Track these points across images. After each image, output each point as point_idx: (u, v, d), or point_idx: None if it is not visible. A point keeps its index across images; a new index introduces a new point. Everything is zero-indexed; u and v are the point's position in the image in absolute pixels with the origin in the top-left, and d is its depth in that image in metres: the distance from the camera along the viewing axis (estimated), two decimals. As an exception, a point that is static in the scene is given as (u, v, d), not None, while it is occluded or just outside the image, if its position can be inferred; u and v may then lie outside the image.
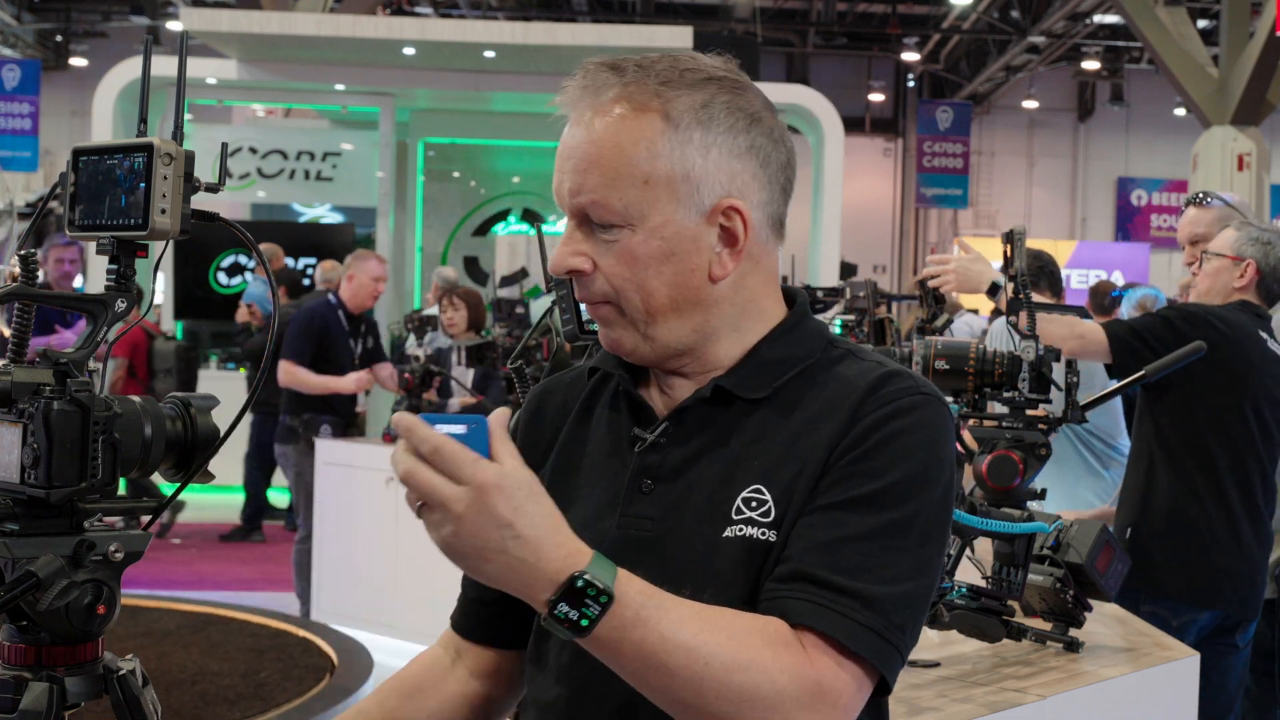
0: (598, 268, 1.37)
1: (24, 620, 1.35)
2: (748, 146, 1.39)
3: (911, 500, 1.32)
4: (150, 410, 1.40)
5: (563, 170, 1.38)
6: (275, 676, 4.13)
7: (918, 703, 2.27)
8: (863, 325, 3.46)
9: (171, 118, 1.38)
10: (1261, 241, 3.69)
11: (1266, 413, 3.58)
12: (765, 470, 1.36)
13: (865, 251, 21.91)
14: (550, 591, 1.18)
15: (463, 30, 11.85)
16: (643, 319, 1.38)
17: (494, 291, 8.32)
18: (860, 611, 1.26)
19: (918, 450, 1.34)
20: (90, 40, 21.72)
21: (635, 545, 1.36)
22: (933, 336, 3.02)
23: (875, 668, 1.28)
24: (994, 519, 2.57)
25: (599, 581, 1.18)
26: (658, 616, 1.21)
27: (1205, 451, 3.56)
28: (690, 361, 1.42)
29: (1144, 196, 22.77)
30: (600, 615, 1.18)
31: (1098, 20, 19.16)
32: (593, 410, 1.51)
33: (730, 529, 1.35)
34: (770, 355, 1.42)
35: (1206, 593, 3.51)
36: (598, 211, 1.36)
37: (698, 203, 1.37)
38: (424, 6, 18.72)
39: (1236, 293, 3.70)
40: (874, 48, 22.60)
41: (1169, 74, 13.36)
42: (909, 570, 1.31)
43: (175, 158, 1.33)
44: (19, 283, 1.38)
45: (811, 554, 1.30)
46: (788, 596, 1.28)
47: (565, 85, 1.40)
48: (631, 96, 1.36)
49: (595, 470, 1.46)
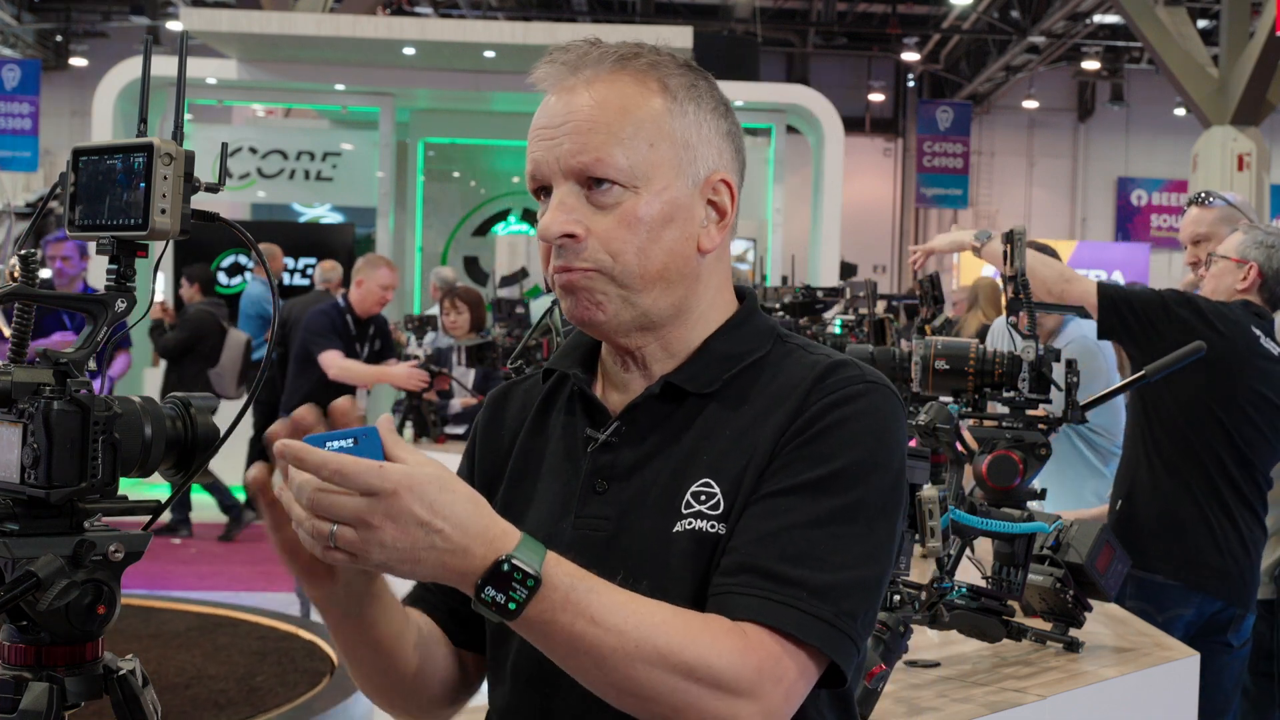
0: (590, 233, 1.36)
1: (24, 620, 1.35)
2: (728, 130, 1.43)
3: (858, 486, 1.31)
4: (150, 410, 1.40)
5: (553, 137, 1.36)
6: (271, 680, 4.13)
7: (918, 703, 2.27)
8: (863, 325, 3.45)
9: (171, 118, 1.38)
10: (1266, 245, 3.70)
11: (1256, 409, 3.58)
12: (713, 463, 1.36)
13: (865, 251, 21.92)
14: (476, 576, 1.18)
15: (463, 30, 11.86)
16: (636, 284, 1.37)
17: (494, 291, 8.33)
18: (807, 601, 1.26)
19: (864, 436, 1.33)
20: (90, 40, 21.74)
21: (591, 545, 1.36)
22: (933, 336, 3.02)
23: (824, 654, 1.27)
24: (994, 519, 2.57)
25: (526, 565, 1.17)
26: (588, 600, 1.20)
27: (1193, 445, 3.56)
28: (651, 342, 1.41)
29: (1144, 196, 22.78)
30: (528, 599, 1.18)
31: (1098, 20, 19.17)
32: (549, 413, 1.50)
33: (680, 523, 1.34)
34: (720, 350, 1.42)
35: (1192, 573, 3.50)
36: (602, 170, 1.35)
37: (693, 173, 1.39)
38: (424, 6, 18.73)
39: (1239, 294, 3.71)
40: (874, 48, 22.61)
41: (1169, 74, 13.37)
42: (858, 556, 1.30)
43: (175, 158, 1.33)
44: (19, 283, 1.38)
45: (756, 544, 1.29)
46: (734, 591, 1.28)
47: (548, 60, 1.39)
48: (630, 68, 1.38)
49: (551, 474, 1.46)
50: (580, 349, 1.50)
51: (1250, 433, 3.55)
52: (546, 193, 1.39)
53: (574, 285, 1.38)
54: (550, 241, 1.37)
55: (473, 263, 13.62)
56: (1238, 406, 3.55)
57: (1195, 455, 3.56)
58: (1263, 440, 3.58)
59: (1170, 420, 3.59)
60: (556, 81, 1.39)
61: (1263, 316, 3.69)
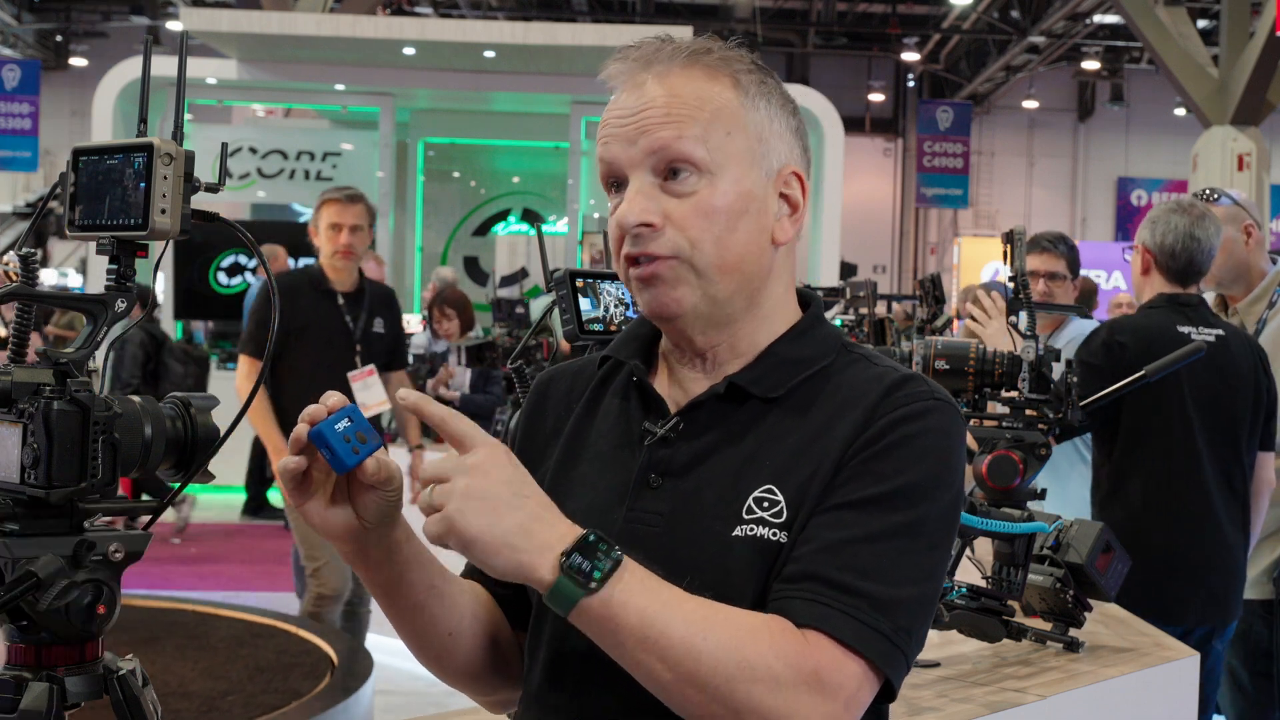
0: (669, 221, 1.36)
1: (24, 620, 1.35)
2: (795, 127, 1.43)
3: (922, 504, 1.32)
4: (150, 410, 1.40)
5: (627, 126, 1.37)
6: (271, 680, 4.13)
7: (918, 703, 2.27)
8: (863, 325, 3.45)
9: (171, 118, 1.38)
10: (1150, 221, 3.56)
11: (1210, 407, 3.49)
12: (777, 470, 1.35)
13: (865, 251, 21.93)
14: (565, 545, 1.21)
15: (463, 30, 11.86)
16: (715, 273, 1.37)
17: (494, 291, 8.33)
18: (868, 613, 1.26)
19: (930, 454, 1.34)
20: (90, 40, 21.74)
21: (643, 540, 1.36)
22: (933, 336, 3.02)
23: (879, 669, 1.27)
24: (994, 519, 2.57)
25: (608, 539, 1.22)
26: (660, 588, 1.23)
27: (1155, 470, 3.48)
28: (723, 340, 1.41)
29: (1144, 196, 22.78)
30: (611, 570, 1.20)
31: (1098, 20, 19.17)
32: (600, 400, 1.50)
33: (741, 528, 1.34)
34: (786, 355, 1.42)
35: (1170, 611, 3.43)
36: (681, 151, 1.35)
37: (767, 165, 1.39)
38: (424, 6, 18.73)
39: (1145, 283, 3.62)
40: (874, 48, 22.61)
41: (1169, 74, 13.37)
42: (918, 574, 1.31)
43: (175, 158, 1.33)
44: (19, 283, 1.38)
45: (821, 554, 1.29)
46: (795, 596, 1.28)
47: (618, 57, 1.40)
48: (703, 62, 1.39)
49: (601, 461, 1.45)
50: (639, 339, 1.50)
51: (1215, 434, 3.49)
52: (619, 187, 1.39)
53: (655, 276, 1.37)
54: (627, 230, 1.36)
55: (473, 263, 13.62)
56: (1196, 410, 3.48)
57: (1165, 479, 3.47)
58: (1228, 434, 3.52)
59: (1133, 454, 3.49)
60: (628, 77, 1.39)
61: (1187, 304, 3.55)
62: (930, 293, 3.46)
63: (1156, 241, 3.56)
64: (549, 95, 12.03)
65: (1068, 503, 4.19)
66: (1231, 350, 3.55)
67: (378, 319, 5.30)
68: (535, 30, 11.47)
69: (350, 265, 5.22)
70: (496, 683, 1.52)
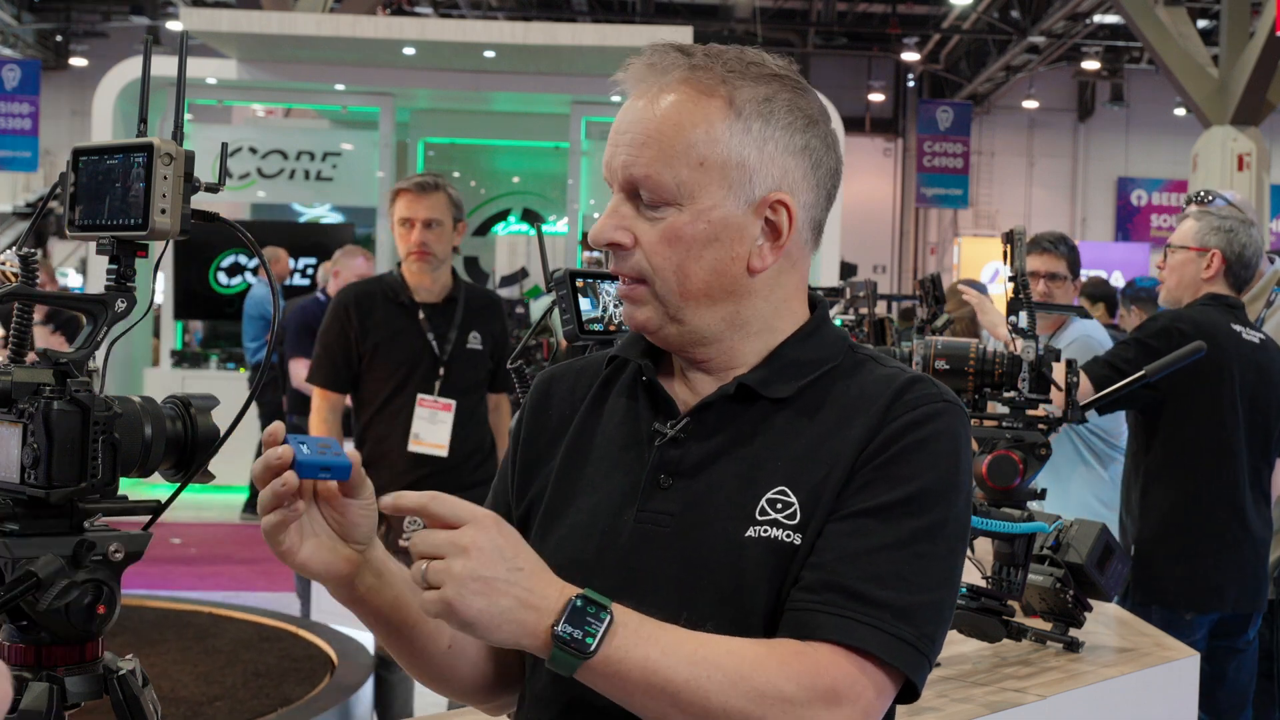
0: (638, 243, 1.38)
1: (24, 620, 1.35)
2: (802, 146, 1.40)
3: (938, 508, 1.33)
4: (150, 410, 1.40)
5: (617, 144, 1.38)
6: (271, 680, 4.13)
7: (918, 703, 2.27)
8: (863, 325, 3.45)
9: (171, 118, 1.38)
10: (1224, 230, 3.66)
11: (1250, 405, 3.59)
12: (790, 472, 1.35)
13: (865, 251, 21.92)
14: (552, 617, 1.21)
15: (463, 30, 11.85)
16: (675, 301, 1.38)
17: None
18: (891, 623, 1.27)
19: (943, 458, 1.34)
20: (90, 40, 21.73)
21: (654, 541, 1.36)
22: (932, 336, 3.02)
23: (902, 675, 1.29)
24: (994, 519, 2.57)
25: (597, 599, 1.21)
26: (657, 633, 1.23)
27: (1195, 457, 3.56)
28: (715, 354, 1.42)
29: (1144, 196, 22.78)
30: (604, 632, 1.20)
31: (1098, 20, 19.16)
32: (605, 400, 1.50)
33: (754, 529, 1.34)
34: (794, 356, 1.42)
35: (1208, 598, 3.51)
36: (648, 185, 1.36)
37: (748, 192, 1.37)
38: (424, 6, 18.72)
39: (1205, 284, 3.68)
40: (874, 48, 22.61)
41: (1169, 74, 13.36)
42: (937, 578, 1.32)
43: (175, 158, 1.33)
44: (19, 283, 1.38)
45: (840, 563, 1.30)
46: (817, 609, 1.28)
47: (630, 62, 1.40)
48: (698, 80, 1.37)
49: (608, 461, 1.45)
50: (646, 339, 1.50)
51: (1255, 430, 3.56)
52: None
53: (626, 295, 1.41)
54: (597, 248, 1.40)
55: (473, 263, 13.61)
56: (1241, 405, 3.55)
57: (1204, 469, 3.55)
58: (1265, 434, 3.60)
59: (1174, 440, 3.58)
60: (632, 86, 1.40)
61: (1234, 307, 3.67)
62: (930, 293, 3.45)
63: (1235, 252, 3.67)
64: (549, 95, 12.03)
65: (1068, 503, 4.20)
66: (1270, 353, 3.66)
67: (473, 333, 4.36)
68: (535, 30, 11.47)
69: (429, 269, 4.28)
70: (499, 688, 1.52)
